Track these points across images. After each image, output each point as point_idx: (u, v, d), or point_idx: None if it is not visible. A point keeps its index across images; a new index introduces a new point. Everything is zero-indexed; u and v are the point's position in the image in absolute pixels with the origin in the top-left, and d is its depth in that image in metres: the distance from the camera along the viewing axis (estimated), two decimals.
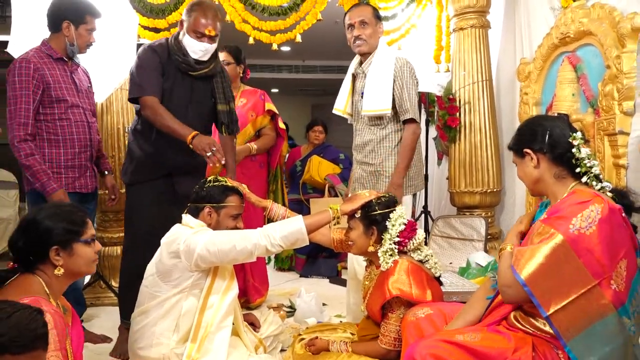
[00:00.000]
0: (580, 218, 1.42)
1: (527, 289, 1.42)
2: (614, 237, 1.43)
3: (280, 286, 3.85)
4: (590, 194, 1.49)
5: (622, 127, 2.43)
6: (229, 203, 2.05)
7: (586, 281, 1.40)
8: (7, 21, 5.04)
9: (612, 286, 1.41)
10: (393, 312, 1.94)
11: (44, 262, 1.52)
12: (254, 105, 3.27)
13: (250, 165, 3.22)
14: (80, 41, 2.41)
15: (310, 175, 4.44)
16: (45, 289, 1.49)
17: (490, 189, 3.55)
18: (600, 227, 1.41)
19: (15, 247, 1.54)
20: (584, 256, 1.40)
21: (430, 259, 2.05)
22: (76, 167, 2.44)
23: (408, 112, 2.53)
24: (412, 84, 2.58)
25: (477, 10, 3.56)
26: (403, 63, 2.58)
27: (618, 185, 2.43)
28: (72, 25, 2.39)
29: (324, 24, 3.79)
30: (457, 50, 3.65)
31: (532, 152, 1.60)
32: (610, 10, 2.53)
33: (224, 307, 1.97)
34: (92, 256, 1.60)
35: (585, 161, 1.54)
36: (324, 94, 11.18)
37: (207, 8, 2.36)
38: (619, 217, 1.46)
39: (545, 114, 1.83)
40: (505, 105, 3.81)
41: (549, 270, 1.41)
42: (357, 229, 2.04)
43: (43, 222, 1.52)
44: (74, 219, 1.56)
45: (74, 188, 2.42)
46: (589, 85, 2.72)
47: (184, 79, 2.38)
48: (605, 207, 1.43)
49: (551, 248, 1.41)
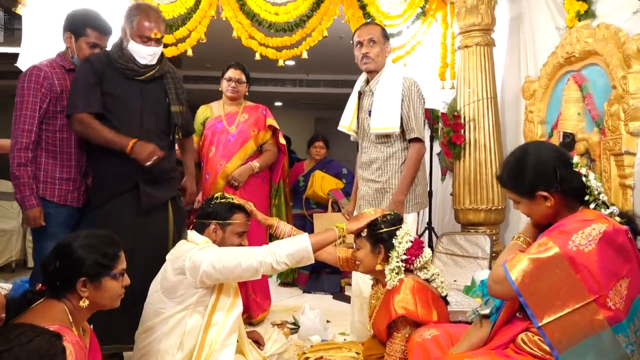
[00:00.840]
0: (580, 235, 1.43)
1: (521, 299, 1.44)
2: (614, 256, 1.44)
3: (284, 302, 3.83)
4: (595, 214, 1.50)
5: (628, 147, 2.43)
6: (235, 220, 2.05)
7: (582, 296, 1.40)
8: (15, 34, 5.09)
9: (609, 304, 1.41)
10: (399, 331, 1.93)
11: (71, 291, 1.52)
12: (256, 121, 3.28)
13: (252, 181, 3.21)
14: (80, 54, 2.39)
15: (314, 191, 4.44)
16: (69, 317, 1.49)
17: (495, 207, 3.54)
18: (600, 246, 1.42)
19: (47, 269, 1.54)
20: (581, 272, 1.41)
21: (437, 278, 2.04)
22: (71, 180, 2.41)
23: (414, 131, 2.56)
24: (419, 104, 2.62)
25: (482, 29, 3.59)
26: (411, 83, 2.61)
27: (625, 206, 2.43)
28: (72, 37, 2.39)
29: (329, 39, 3.83)
30: (462, 68, 3.67)
31: (548, 193, 1.55)
32: (615, 31, 2.54)
33: (228, 324, 1.96)
34: (119, 291, 1.60)
35: (594, 188, 1.54)
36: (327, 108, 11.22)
37: (149, 11, 2.33)
38: (623, 238, 1.46)
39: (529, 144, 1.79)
40: (510, 123, 3.82)
41: (540, 280, 1.43)
42: (364, 248, 2.04)
43: (77, 251, 1.52)
44: (107, 252, 1.56)
45: (65, 201, 2.39)
46: (594, 104, 2.73)
47: (132, 84, 2.33)
48: (609, 226, 1.44)
49: (545, 259, 1.43)
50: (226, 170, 3.15)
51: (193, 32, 3.55)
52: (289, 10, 3.57)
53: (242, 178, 3.12)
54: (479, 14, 3.55)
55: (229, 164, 3.15)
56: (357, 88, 2.81)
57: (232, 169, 3.15)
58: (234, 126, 3.24)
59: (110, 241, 1.61)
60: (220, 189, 3.12)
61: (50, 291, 1.53)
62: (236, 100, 3.29)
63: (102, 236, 1.62)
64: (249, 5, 3.54)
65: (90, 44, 2.39)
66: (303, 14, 3.59)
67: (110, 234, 1.67)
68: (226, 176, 3.15)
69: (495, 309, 1.67)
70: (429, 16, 3.79)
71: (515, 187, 1.63)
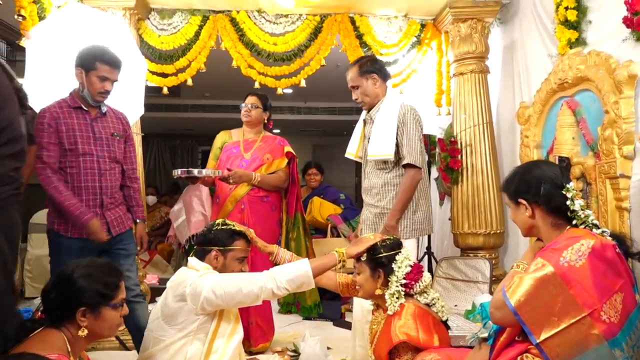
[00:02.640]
0: (570, 251, 1.48)
1: (518, 317, 1.46)
2: (605, 271, 1.48)
3: (284, 329, 3.80)
4: (583, 231, 1.55)
5: (623, 171, 2.46)
6: (236, 247, 2.07)
7: (576, 311, 1.43)
8: (17, 65, 5.17)
9: (603, 317, 1.44)
10: (400, 357, 1.92)
11: (70, 320, 1.52)
12: (272, 149, 3.31)
13: (260, 207, 3.21)
14: (91, 88, 2.45)
15: (313, 217, 4.46)
16: (67, 346, 1.49)
17: (494, 231, 3.56)
18: (590, 260, 1.46)
19: (46, 298, 1.54)
20: (574, 287, 1.44)
21: (437, 302, 2.04)
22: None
23: (406, 158, 2.60)
24: (415, 130, 2.64)
25: (476, 56, 3.66)
26: (407, 110, 2.66)
27: (622, 229, 2.45)
28: (83, 72, 2.45)
29: (326, 68, 3.90)
30: (458, 94, 3.73)
31: (527, 203, 1.66)
32: (606, 58, 2.60)
33: (229, 351, 1.96)
34: (118, 320, 1.60)
35: (580, 213, 1.59)
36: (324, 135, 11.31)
37: None
38: (612, 252, 1.51)
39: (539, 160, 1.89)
40: (506, 148, 3.87)
41: (537, 298, 1.46)
42: (363, 273, 2.05)
43: (77, 281, 1.53)
44: (107, 282, 1.57)
45: (80, 234, 2.43)
46: (588, 129, 2.77)
47: None
48: (597, 242, 1.49)
49: (540, 278, 1.47)
50: (235, 195, 3.16)
51: (193, 62, 3.62)
52: (287, 40, 3.65)
53: (239, 180, 3.10)
54: (472, 42, 3.63)
55: (238, 188, 3.17)
56: (362, 116, 2.89)
57: (241, 193, 3.17)
58: (249, 153, 3.27)
59: (111, 271, 1.62)
60: (228, 213, 3.13)
61: (49, 320, 1.53)
62: (252, 125, 3.31)
63: (102, 266, 1.62)
64: (248, 36, 3.62)
65: (101, 77, 2.45)
66: (301, 43, 3.67)
67: (111, 263, 1.68)
68: (234, 200, 3.16)
69: (493, 332, 1.68)
70: (424, 45, 3.87)
71: (505, 189, 1.75)
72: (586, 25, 2.88)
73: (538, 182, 1.64)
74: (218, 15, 3.63)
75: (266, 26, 3.66)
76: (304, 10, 3.67)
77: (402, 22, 3.84)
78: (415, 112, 2.69)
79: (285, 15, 3.69)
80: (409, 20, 3.84)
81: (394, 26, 3.83)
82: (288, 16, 3.69)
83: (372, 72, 2.72)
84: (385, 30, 3.82)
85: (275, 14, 3.67)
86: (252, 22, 3.63)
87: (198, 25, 3.58)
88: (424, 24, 3.87)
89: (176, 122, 8.84)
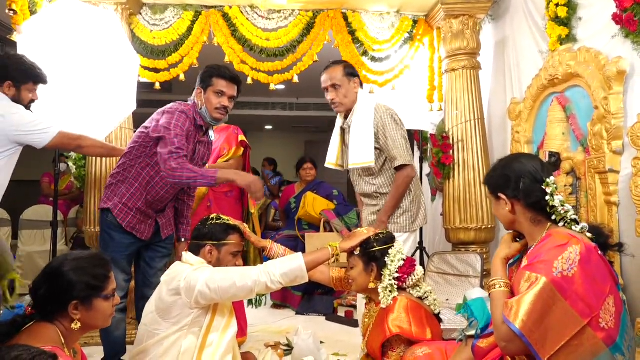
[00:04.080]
0: (561, 261, 1.43)
1: (525, 339, 1.41)
2: (595, 275, 1.45)
3: (277, 324, 3.82)
4: (566, 235, 1.51)
5: (612, 166, 2.49)
6: (230, 241, 2.08)
7: (576, 323, 1.40)
8: None
9: (602, 324, 1.42)
10: (393, 350, 1.95)
11: (62, 314, 1.51)
12: (227, 139, 3.30)
13: (225, 202, 3.23)
14: (208, 105, 2.50)
15: (306, 211, 4.47)
16: (61, 338, 1.49)
17: (485, 226, 3.59)
18: (582, 267, 1.43)
19: (36, 293, 1.53)
20: (569, 298, 1.41)
21: (430, 296, 2.07)
22: (144, 213, 2.50)
23: (397, 160, 2.58)
24: (396, 130, 2.60)
25: (468, 52, 3.68)
26: (383, 112, 2.60)
27: (610, 223, 2.49)
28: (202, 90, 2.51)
29: (319, 64, 3.89)
30: (449, 90, 3.75)
31: (507, 198, 1.63)
32: (596, 54, 2.64)
33: (223, 345, 1.96)
34: (110, 311, 1.60)
35: (559, 209, 1.56)
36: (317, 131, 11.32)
37: None
38: (595, 255, 1.48)
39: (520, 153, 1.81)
40: (498, 143, 3.90)
41: (539, 314, 1.41)
42: (357, 267, 2.07)
43: (67, 274, 1.51)
44: (97, 274, 1.56)
45: (132, 229, 2.48)
46: (578, 124, 2.80)
47: None
48: (582, 247, 1.46)
49: (538, 292, 1.42)
50: (198, 194, 3.18)
51: (185, 57, 3.61)
52: (280, 36, 3.66)
53: None
54: (464, 38, 3.65)
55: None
56: (339, 124, 2.83)
57: (203, 190, 3.18)
58: None
59: (100, 262, 1.60)
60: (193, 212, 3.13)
61: (40, 314, 1.52)
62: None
63: (91, 257, 1.60)
64: (240, 31, 3.61)
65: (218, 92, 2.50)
66: (294, 39, 3.67)
67: (99, 253, 1.66)
68: (199, 199, 3.17)
69: (480, 330, 1.69)
70: (416, 41, 3.89)
71: (486, 183, 1.73)
72: (576, 21, 2.91)
73: (517, 177, 1.60)
74: (210, 10, 3.63)
75: (259, 22, 3.66)
76: (297, 5, 3.68)
77: (394, 18, 3.85)
78: (391, 110, 2.63)
79: (277, 11, 3.69)
80: (402, 17, 3.85)
81: (386, 22, 3.84)
82: (281, 12, 3.69)
83: (356, 75, 2.68)
84: (378, 26, 3.83)
85: (267, 10, 3.67)
86: (245, 18, 3.63)
87: (190, 20, 3.57)
88: (416, 20, 3.89)
89: None
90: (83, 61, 2.75)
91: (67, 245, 5.18)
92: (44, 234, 4.94)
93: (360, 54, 3.77)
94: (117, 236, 2.48)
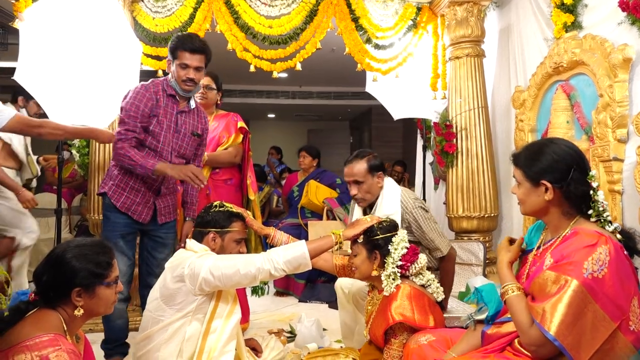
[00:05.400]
0: (591, 262, 1.40)
1: (557, 343, 1.37)
2: (623, 276, 1.42)
3: (280, 311, 3.84)
4: (593, 234, 1.47)
5: (616, 154, 2.49)
6: (234, 228, 2.08)
7: (608, 326, 1.38)
8: (9, 48, 5.11)
9: (631, 327, 1.40)
10: (396, 337, 1.96)
11: (64, 301, 1.52)
12: (227, 126, 3.27)
13: (224, 190, 3.21)
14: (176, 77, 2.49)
15: (309, 199, 4.48)
16: (63, 325, 1.49)
17: (488, 214, 3.59)
18: (611, 268, 1.40)
19: (39, 279, 1.53)
20: (600, 300, 1.38)
21: (432, 284, 2.07)
22: (140, 193, 2.50)
23: (440, 251, 2.44)
24: (429, 220, 2.44)
25: (472, 40, 3.66)
26: (411, 206, 2.43)
27: (614, 211, 2.48)
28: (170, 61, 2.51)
29: (321, 52, 3.88)
30: (453, 78, 3.73)
31: (551, 185, 1.54)
32: (601, 42, 2.61)
33: (227, 331, 1.98)
34: (113, 298, 1.60)
35: (599, 205, 1.51)
36: (319, 119, 11.31)
37: None
38: (623, 255, 1.46)
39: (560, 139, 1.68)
40: (501, 132, 3.89)
41: (573, 319, 1.38)
42: (360, 254, 2.07)
43: (70, 262, 1.51)
44: (100, 261, 1.55)
45: (127, 209, 2.48)
46: (582, 113, 2.79)
47: None
48: (611, 246, 1.43)
49: (570, 296, 1.38)
50: None
51: None
52: (282, 23, 3.63)
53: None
54: (468, 26, 3.63)
55: None
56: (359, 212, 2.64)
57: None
58: None
59: (103, 249, 1.60)
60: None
61: (43, 301, 1.53)
62: (206, 107, 3.21)
63: (93, 245, 1.61)
64: (243, 18, 3.58)
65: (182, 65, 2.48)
66: (296, 26, 3.64)
67: (102, 241, 1.67)
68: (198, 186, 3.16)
69: (490, 317, 1.69)
70: (420, 28, 3.86)
71: (526, 167, 1.60)
72: (582, 8, 2.88)
73: (568, 167, 1.52)
74: None
75: (261, 9, 3.63)
76: None
77: (398, 5, 3.82)
78: (417, 201, 2.48)
79: None
80: (405, 4, 3.82)
81: (390, 9, 3.81)
82: None
83: (380, 169, 2.51)
84: (381, 13, 3.80)
85: None
86: (247, 5, 3.60)
87: (192, 7, 3.54)
88: (420, 7, 3.85)
89: None
90: (85, 48, 2.74)
91: (71, 233, 5.21)
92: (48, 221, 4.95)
93: (363, 42, 3.74)
94: (112, 216, 2.49)
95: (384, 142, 9.29)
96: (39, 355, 1.35)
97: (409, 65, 3.89)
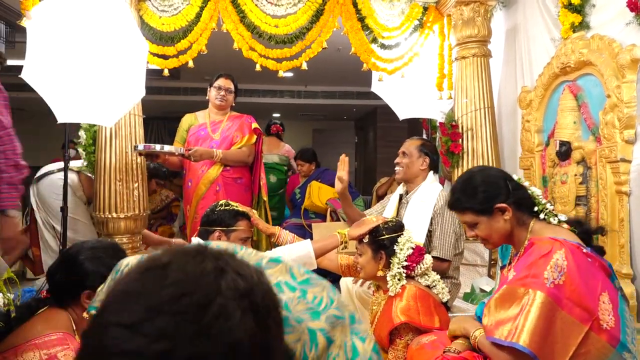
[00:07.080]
0: (550, 270, 1.42)
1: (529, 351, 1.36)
2: (585, 276, 1.43)
3: None
4: (548, 242, 1.49)
5: (623, 155, 2.47)
6: (239, 227, 2.08)
7: (578, 330, 1.39)
8: (17, 47, 5.13)
9: (603, 325, 1.40)
10: (401, 338, 1.95)
11: (75, 301, 1.52)
12: (240, 127, 3.33)
13: (234, 188, 3.24)
14: None
15: (312, 201, 4.46)
16: (72, 325, 1.50)
17: None
18: (570, 272, 1.42)
19: (52, 278, 1.55)
20: (566, 306, 1.40)
21: (438, 284, 2.07)
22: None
23: (435, 250, 2.47)
24: (450, 223, 2.50)
25: (479, 40, 3.65)
26: (444, 202, 2.44)
27: (621, 213, 2.47)
28: None
29: (327, 51, 3.88)
30: (459, 78, 3.72)
31: (504, 204, 1.60)
32: (609, 42, 2.60)
33: None
34: None
35: (540, 199, 1.58)
36: (325, 119, 11.30)
37: None
38: (581, 255, 1.46)
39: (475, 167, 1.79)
40: (507, 132, 3.87)
41: (543, 329, 1.38)
42: (365, 254, 2.07)
43: (83, 263, 1.52)
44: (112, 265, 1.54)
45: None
46: (590, 113, 2.77)
47: None
48: (566, 250, 1.44)
49: (539, 308, 1.39)
50: (208, 177, 3.21)
51: (194, 44, 3.59)
52: (288, 22, 3.63)
53: (201, 157, 3.12)
54: (475, 25, 3.61)
55: (211, 170, 3.22)
56: (399, 191, 2.79)
57: (213, 175, 3.20)
58: (217, 133, 3.30)
59: (116, 253, 1.60)
60: (202, 195, 3.16)
61: (54, 300, 1.53)
62: (224, 109, 3.34)
63: (107, 248, 1.61)
64: (249, 17, 3.59)
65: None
66: (303, 26, 3.64)
67: (116, 244, 1.67)
68: (208, 182, 3.19)
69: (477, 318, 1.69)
70: (426, 28, 3.85)
71: (473, 205, 1.64)
72: (590, 8, 2.87)
73: (504, 181, 1.62)
74: None
75: (268, 8, 3.63)
76: None
77: (404, 4, 3.81)
78: None
79: None
80: (412, 3, 3.81)
81: (396, 9, 3.80)
82: None
83: (427, 155, 2.67)
84: (388, 13, 3.79)
85: None
86: (254, 4, 3.60)
87: (199, 6, 3.55)
88: (427, 7, 3.84)
89: (176, 105, 8.82)
90: (92, 47, 2.74)
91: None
92: None
93: (369, 41, 3.74)
94: None
95: (389, 142, 9.26)
96: (47, 354, 1.35)
97: (414, 65, 3.88)
